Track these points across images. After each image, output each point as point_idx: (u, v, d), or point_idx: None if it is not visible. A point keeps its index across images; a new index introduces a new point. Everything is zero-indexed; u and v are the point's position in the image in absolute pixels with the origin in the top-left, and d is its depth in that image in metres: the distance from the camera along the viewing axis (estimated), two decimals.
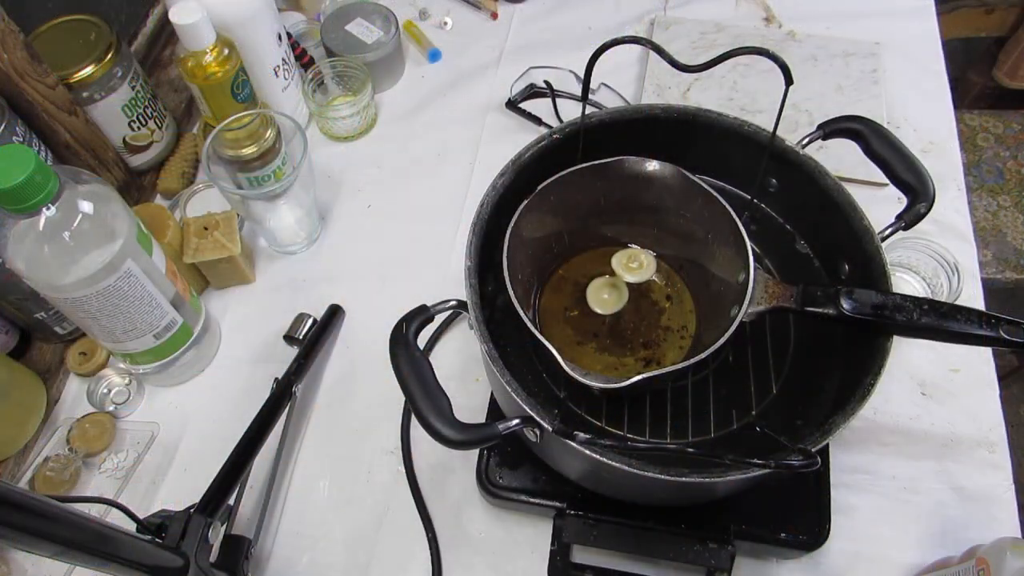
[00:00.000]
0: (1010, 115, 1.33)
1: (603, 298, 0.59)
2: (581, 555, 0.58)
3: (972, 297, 0.70)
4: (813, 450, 0.42)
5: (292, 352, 0.69)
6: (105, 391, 0.69)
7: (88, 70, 0.70)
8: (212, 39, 0.70)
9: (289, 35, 0.85)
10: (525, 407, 0.44)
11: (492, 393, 0.63)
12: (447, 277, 0.75)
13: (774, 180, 0.58)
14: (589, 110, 0.55)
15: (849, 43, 0.89)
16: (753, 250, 0.50)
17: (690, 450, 0.43)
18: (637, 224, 0.60)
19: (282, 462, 0.65)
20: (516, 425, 0.45)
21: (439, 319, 0.60)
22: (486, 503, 0.62)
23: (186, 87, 0.89)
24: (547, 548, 0.57)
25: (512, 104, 0.87)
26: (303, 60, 0.88)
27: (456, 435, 0.43)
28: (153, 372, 0.67)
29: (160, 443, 0.67)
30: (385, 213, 0.81)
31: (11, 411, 0.66)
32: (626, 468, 0.43)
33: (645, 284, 0.61)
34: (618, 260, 0.57)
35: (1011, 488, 0.61)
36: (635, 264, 0.56)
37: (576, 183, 0.55)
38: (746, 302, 0.48)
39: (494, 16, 0.97)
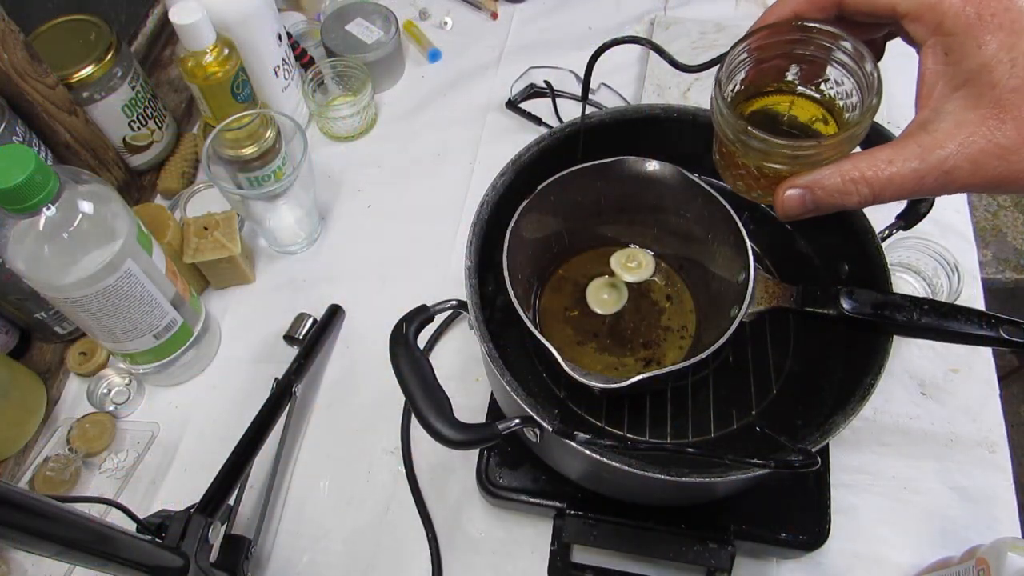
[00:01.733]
0: None
1: (603, 298, 0.59)
2: (581, 555, 0.58)
3: (972, 297, 0.70)
4: (813, 450, 0.42)
5: (292, 352, 0.69)
6: (105, 391, 0.69)
7: (88, 70, 0.70)
8: (212, 39, 0.70)
9: (289, 35, 0.85)
10: (525, 407, 0.44)
11: (492, 393, 0.63)
12: (447, 277, 0.75)
13: None
14: (589, 110, 0.55)
15: None
16: (753, 250, 0.50)
17: (690, 450, 0.43)
18: (637, 224, 0.60)
19: (282, 462, 0.65)
20: (516, 425, 0.45)
21: (439, 319, 0.61)
22: (486, 503, 0.62)
23: (186, 87, 0.89)
24: (547, 548, 0.57)
25: (512, 104, 0.87)
26: (303, 60, 0.88)
27: (456, 435, 0.43)
28: (153, 372, 0.67)
29: (160, 443, 0.67)
30: (385, 213, 0.81)
31: (11, 411, 0.66)
32: (626, 468, 0.43)
33: (645, 284, 0.61)
34: (617, 260, 0.57)
35: (1011, 488, 0.61)
36: (634, 264, 0.56)
37: (576, 183, 0.55)
38: (746, 302, 0.48)
39: (494, 16, 0.97)
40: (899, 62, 0.84)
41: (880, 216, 0.53)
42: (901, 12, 0.31)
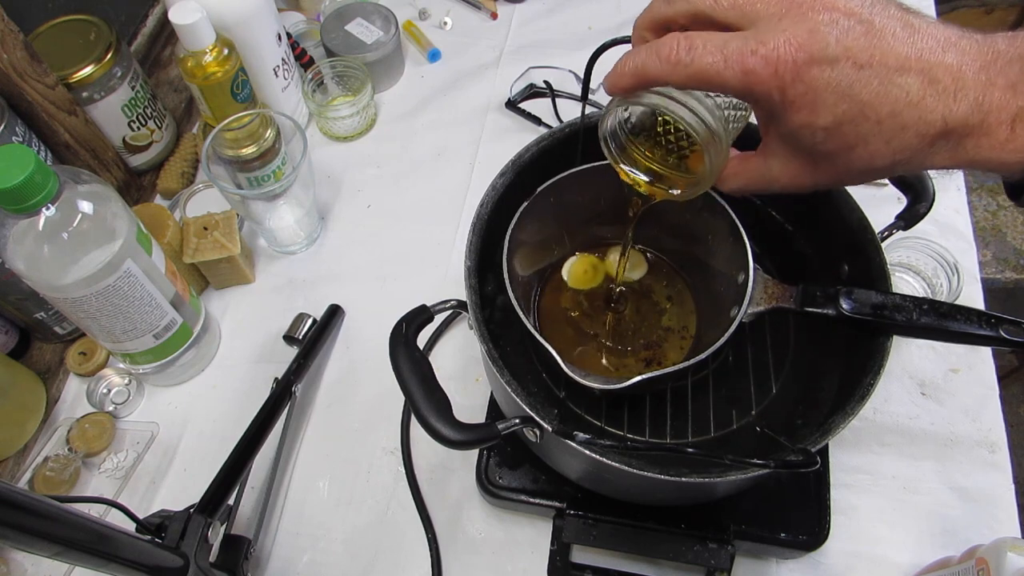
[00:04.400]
0: None
1: (580, 273, 0.59)
2: (581, 555, 0.58)
3: (972, 297, 0.70)
4: (813, 450, 0.42)
5: (292, 352, 0.69)
6: (105, 391, 0.69)
7: (88, 70, 0.70)
8: (212, 39, 0.70)
9: (289, 35, 0.85)
10: (525, 407, 0.44)
11: (492, 393, 0.63)
12: (447, 277, 0.75)
13: None
14: (589, 110, 0.55)
15: None
16: (753, 250, 0.50)
17: (690, 450, 0.43)
18: (637, 225, 0.60)
19: (282, 462, 0.65)
20: (516, 425, 0.45)
21: (439, 319, 0.60)
22: (486, 503, 0.62)
23: (186, 87, 0.89)
24: (547, 548, 0.57)
25: (512, 104, 0.87)
26: (303, 60, 0.88)
27: (456, 435, 0.43)
28: (153, 372, 0.67)
29: (160, 443, 0.67)
30: (385, 213, 0.81)
31: (11, 411, 0.66)
32: (626, 468, 0.43)
33: (646, 284, 0.61)
34: (613, 257, 0.57)
35: (1011, 488, 0.61)
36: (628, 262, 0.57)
37: (576, 185, 0.55)
38: (745, 303, 0.48)
39: (494, 16, 0.97)
40: None
41: (880, 216, 0.53)
42: (731, 93, 0.36)
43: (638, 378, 0.45)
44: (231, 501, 0.58)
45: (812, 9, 0.32)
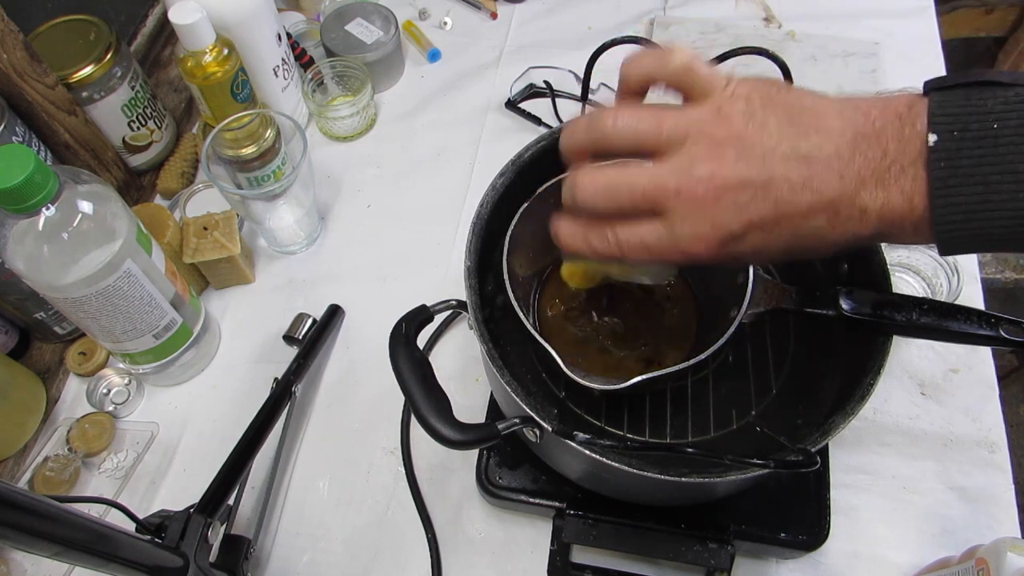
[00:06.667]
0: None
1: (580, 272, 0.59)
2: (581, 555, 0.58)
3: (972, 297, 0.70)
4: (813, 450, 0.42)
5: (292, 352, 0.69)
6: (105, 391, 0.69)
7: (88, 70, 0.70)
8: (212, 39, 0.70)
9: (289, 35, 0.85)
10: (525, 407, 0.44)
11: (492, 393, 0.63)
12: (447, 277, 0.75)
13: None
14: (588, 110, 0.55)
15: (849, 43, 0.89)
16: None
17: (690, 450, 0.43)
18: None
19: (282, 462, 0.65)
20: (516, 425, 0.45)
21: (439, 319, 0.60)
22: (486, 503, 0.62)
23: (186, 87, 0.89)
24: (547, 548, 0.57)
25: (512, 104, 0.87)
26: (303, 60, 0.88)
27: (456, 435, 0.42)
28: (153, 372, 0.67)
29: (160, 443, 0.67)
30: (385, 213, 0.81)
31: (11, 411, 0.66)
32: (626, 468, 0.43)
33: (646, 284, 0.61)
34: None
35: (1011, 488, 0.61)
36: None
37: None
38: (745, 303, 0.48)
39: (494, 16, 0.97)
40: (896, 63, 0.84)
41: None
42: None
43: (638, 378, 0.45)
44: (231, 501, 0.58)
45: (707, 197, 0.34)
